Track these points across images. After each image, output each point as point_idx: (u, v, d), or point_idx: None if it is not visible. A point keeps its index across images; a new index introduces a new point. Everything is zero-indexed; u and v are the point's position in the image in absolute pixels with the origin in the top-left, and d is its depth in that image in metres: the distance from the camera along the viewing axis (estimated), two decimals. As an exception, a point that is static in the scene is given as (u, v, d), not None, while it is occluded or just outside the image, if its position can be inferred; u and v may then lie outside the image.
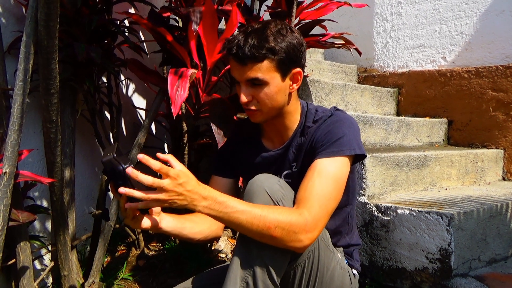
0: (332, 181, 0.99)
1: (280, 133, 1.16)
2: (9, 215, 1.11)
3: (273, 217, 0.89)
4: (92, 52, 1.37)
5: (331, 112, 1.12)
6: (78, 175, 1.71)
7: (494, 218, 1.53)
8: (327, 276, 1.06)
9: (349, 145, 1.03)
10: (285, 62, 1.03)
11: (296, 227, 0.90)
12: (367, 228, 1.59)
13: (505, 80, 2.18)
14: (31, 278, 1.28)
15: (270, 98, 1.04)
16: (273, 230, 0.88)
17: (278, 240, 0.90)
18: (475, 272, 1.43)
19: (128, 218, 0.95)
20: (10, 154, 1.08)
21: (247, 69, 1.01)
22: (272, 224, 0.88)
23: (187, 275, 1.61)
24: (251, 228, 0.88)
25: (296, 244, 0.91)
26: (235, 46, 1.01)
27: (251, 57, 0.99)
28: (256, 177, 0.99)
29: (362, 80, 2.78)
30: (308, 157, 1.10)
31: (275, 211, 0.90)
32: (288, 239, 0.90)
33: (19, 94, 1.06)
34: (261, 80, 1.02)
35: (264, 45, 0.99)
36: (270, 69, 1.02)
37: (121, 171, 0.84)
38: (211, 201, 0.87)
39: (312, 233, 0.92)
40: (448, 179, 1.93)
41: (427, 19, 2.53)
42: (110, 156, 0.86)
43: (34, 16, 1.02)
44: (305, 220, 0.91)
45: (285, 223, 0.89)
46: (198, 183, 0.88)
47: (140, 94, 2.16)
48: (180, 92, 1.28)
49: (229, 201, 0.89)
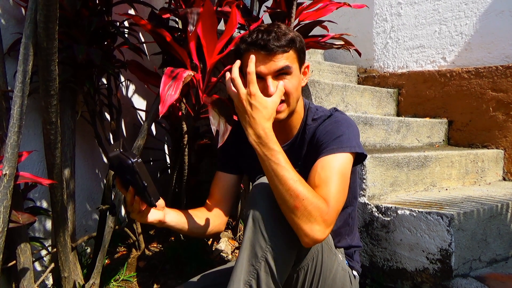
0: (337, 175, 0.98)
1: (285, 132, 1.16)
2: (9, 217, 1.11)
3: (306, 190, 0.89)
4: (92, 54, 1.37)
5: (331, 112, 1.13)
6: (78, 177, 1.71)
7: (495, 218, 1.52)
8: (329, 278, 1.06)
9: (348, 143, 1.03)
10: (302, 54, 1.09)
11: (318, 213, 0.88)
12: (367, 229, 1.59)
13: (505, 80, 2.18)
14: (31, 280, 1.28)
15: (295, 88, 1.07)
16: (300, 200, 0.87)
17: (296, 215, 0.88)
18: (476, 272, 1.43)
19: (134, 212, 0.96)
20: (10, 155, 1.08)
21: (275, 59, 1.02)
22: (302, 194, 0.88)
23: (187, 276, 1.61)
24: (281, 187, 0.89)
25: (309, 231, 0.88)
26: (260, 40, 1.02)
27: (279, 46, 1.02)
28: (260, 179, 0.99)
29: (362, 80, 2.78)
30: (309, 155, 1.11)
31: (310, 190, 0.90)
32: (305, 220, 0.88)
33: (19, 95, 1.06)
34: (290, 68, 1.04)
35: (287, 37, 1.03)
36: (294, 58, 1.06)
37: (129, 164, 0.85)
38: (263, 141, 0.92)
39: (327, 229, 0.90)
40: (448, 179, 1.93)
41: (426, 20, 2.53)
42: (116, 151, 0.86)
43: (33, 17, 1.02)
44: (327, 211, 0.90)
45: (311, 203, 0.88)
46: (268, 117, 0.93)
47: (140, 96, 2.16)
48: (170, 93, 1.27)
49: (278, 154, 0.91)
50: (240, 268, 0.92)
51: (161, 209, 1.04)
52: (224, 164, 1.26)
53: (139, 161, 0.86)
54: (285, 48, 1.03)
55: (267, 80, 1.03)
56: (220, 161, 1.27)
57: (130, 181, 0.89)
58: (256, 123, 0.92)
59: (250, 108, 0.92)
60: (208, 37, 1.43)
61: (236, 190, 1.27)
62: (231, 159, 1.25)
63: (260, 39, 1.02)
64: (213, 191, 1.24)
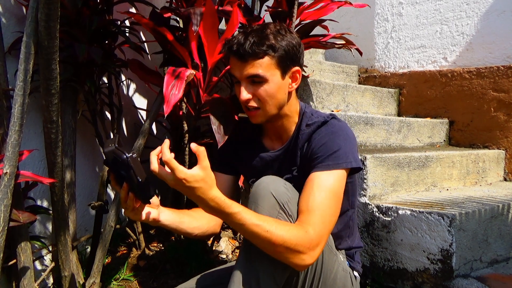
0: (331, 195, 0.98)
1: (280, 135, 1.16)
2: (10, 216, 1.11)
3: (279, 235, 0.87)
4: (93, 53, 1.37)
5: (326, 119, 1.10)
6: (79, 176, 1.71)
7: (496, 218, 1.52)
8: (330, 279, 1.06)
9: (345, 159, 1.02)
10: (284, 60, 1.04)
11: (301, 246, 0.89)
12: (368, 229, 1.59)
13: (507, 81, 2.18)
14: (31, 279, 1.27)
15: (271, 95, 1.05)
16: (279, 246, 0.88)
17: (281, 255, 0.89)
18: (477, 273, 1.43)
19: (128, 209, 0.95)
20: (10, 154, 1.08)
21: (248, 65, 1.02)
22: (278, 242, 0.87)
23: (188, 275, 1.60)
24: (256, 241, 0.89)
25: (298, 261, 0.90)
26: (236, 44, 1.02)
27: (252, 53, 1.01)
28: (262, 179, 0.98)
29: (363, 80, 2.78)
30: (303, 162, 1.10)
31: (283, 228, 0.89)
32: (291, 256, 0.89)
33: (20, 94, 1.06)
34: (262, 76, 1.03)
35: (264, 42, 1.01)
36: (271, 66, 1.03)
37: (124, 160, 0.84)
38: (218, 211, 0.87)
39: (314, 251, 0.91)
40: (449, 179, 1.92)
41: (428, 20, 2.53)
42: (112, 146, 0.86)
43: (34, 16, 1.02)
44: (310, 239, 0.90)
45: (290, 242, 0.88)
46: (210, 189, 0.85)
47: (141, 95, 2.16)
48: (174, 92, 1.28)
49: (236, 215, 0.86)
50: (240, 269, 0.92)
51: (155, 208, 1.03)
52: (221, 165, 1.25)
53: (134, 156, 0.85)
54: (259, 54, 1.01)
55: (241, 84, 1.06)
56: (217, 162, 1.26)
57: (124, 176, 0.88)
58: (202, 199, 0.85)
59: (189, 190, 0.84)
60: (209, 36, 1.43)
61: (233, 191, 1.26)
62: (228, 160, 1.25)
63: (235, 43, 1.02)
64: None
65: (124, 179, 0.90)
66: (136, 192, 0.91)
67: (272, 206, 0.93)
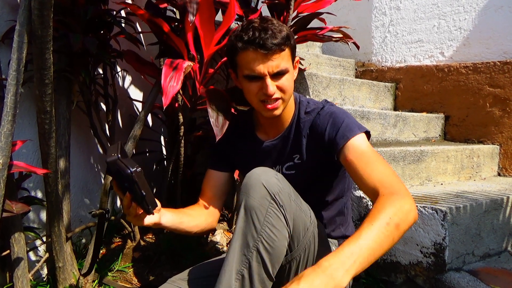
0: (370, 155, 0.99)
1: (277, 125, 1.17)
2: (3, 206, 1.11)
3: (380, 217, 0.82)
4: (87, 43, 1.35)
5: (323, 104, 1.14)
6: (73, 167, 1.70)
7: (489, 213, 1.53)
8: None
9: (356, 125, 1.06)
10: (294, 50, 1.08)
11: (397, 204, 0.85)
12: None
13: (503, 76, 2.18)
14: (25, 269, 1.27)
15: (290, 85, 1.08)
16: (391, 224, 0.82)
17: (401, 226, 0.84)
18: (469, 266, 1.44)
19: (130, 216, 0.96)
20: (3, 144, 1.07)
21: (273, 59, 1.02)
22: (386, 220, 0.82)
23: (182, 267, 1.61)
24: (382, 242, 0.80)
25: (411, 214, 0.86)
26: (258, 38, 0.99)
27: (277, 44, 1.00)
28: (253, 170, 0.98)
29: (360, 74, 2.77)
30: (310, 151, 1.12)
31: (375, 213, 0.84)
32: (404, 216, 0.85)
33: (13, 84, 1.05)
34: (286, 69, 1.04)
35: (282, 34, 1.01)
36: (289, 56, 1.06)
37: (128, 174, 0.83)
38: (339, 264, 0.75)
39: (407, 198, 0.88)
40: (444, 174, 1.93)
41: (425, 14, 2.52)
42: (114, 156, 0.85)
43: (27, 5, 1.01)
44: (393, 194, 0.88)
45: (391, 210, 0.84)
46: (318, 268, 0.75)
47: (136, 86, 2.15)
48: (172, 84, 1.27)
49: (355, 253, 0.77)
50: (232, 258, 0.92)
51: (157, 212, 1.03)
52: (215, 162, 1.26)
53: (139, 170, 0.84)
54: (282, 46, 1.02)
55: (266, 79, 1.04)
56: (212, 159, 1.26)
57: (128, 188, 0.88)
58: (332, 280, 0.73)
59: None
60: (205, 27, 1.42)
61: (228, 187, 1.27)
62: (223, 157, 1.25)
63: (258, 37, 1.00)
64: (205, 188, 1.24)
65: (127, 190, 0.89)
66: (139, 203, 0.91)
67: (263, 196, 0.93)
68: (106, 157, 0.86)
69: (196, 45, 1.48)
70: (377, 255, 0.80)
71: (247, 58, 1.03)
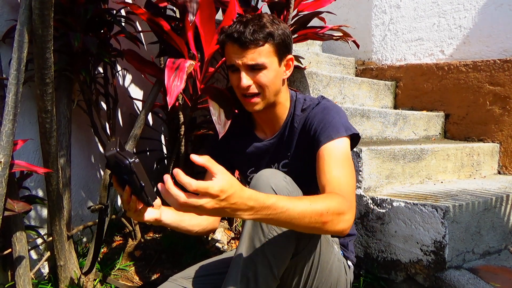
0: (343, 160, 1.01)
1: (272, 123, 1.18)
2: (5, 205, 1.11)
3: (322, 204, 0.86)
4: (88, 42, 1.36)
5: (318, 100, 1.15)
6: (74, 165, 1.71)
7: (489, 211, 1.54)
8: (326, 269, 1.07)
9: (344, 126, 1.06)
10: (281, 47, 1.08)
11: (342, 208, 0.88)
12: (362, 221, 1.60)
13: (503, 74, 2.18)
14: (27, 268, 1.28)
15: (270, 81, 1.07)
16: (325, 216, 0.85)
17: (328, 225, 0.86)
18: (469, 264, 1.45)
19: (130, 211, 0.95)
20: (5, 143, 1.07)
21: (249, 53, 1.04)
22: (323, 210, 0.85)
23: (183, 266, 1.61)
24: (303, 221, 0.83)
25: (344, 224, 0.89)
26: (236, 32, 1.03)
27: (253, 40, 1.03)
28: (261, 172, 0.98)
29: (360, 73, 2.77)
30: (301, 144, 1.12)
31: (320, 199, 0.89)
32: (337, 221, 0.87)
33: (14, 83, 1.05)
34: (262, 64, 1.05)
35: (264, 30, 1.03)
36: (270, 53, 1.06)
37: (127, 165, 0.84)
38: (258, 208, 0.77)
39: (352, 212, 0.92)
40: (444, 172, 1.94)
41: (425, 12, 2.52)
42: (113, 150, 0.86)
43: (28, 4, 1.01)
44: (345, 200, 0.91)
45: (334, 206, 0.87)
46: (242, 190, 0.76)
47: (136, 85, 2.15)
48: (176, 83, 1.27)
49: (278, 202, 0.80)
50: (238, 260, 0.93)
51: (157, 208, 1.03)
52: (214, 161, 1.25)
53: (137, 161, 0.85)
54: (259, 42, 1.03)
55: (241, 72, 1.07)
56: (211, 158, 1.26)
57: (127, 180, 0.88)
58: (239, 203, 0.75)
59: (225, 202, 0.73)
60: (206, 26, 1.42)
61: None
62: (221, 156, 1.24)
63: (235, 31, 1.03)
64: None
65: (127, 183, 0.90)
66: (139, 196, 0.91)
67: None
68: (105, 151, 0.87)
69: (196, 44, 1.48)
70: (289, 227, 0.86)
71: (228, 50, 1.08)
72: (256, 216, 0.79)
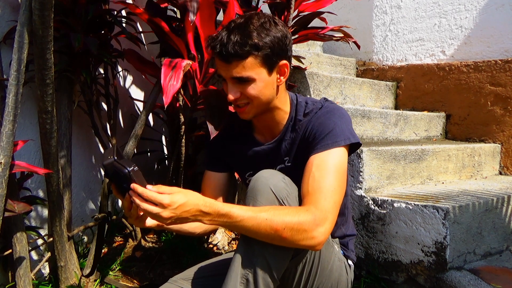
0: (332, 172, 0.97)
1: (271, 128, 1.15)
2: (5, 206, 1.11)
3: (279, 219, 0.87)
4: (88, 43, 1.36)
5: (321, 103, 1.11)
6: (75, 166, 1.71)
7: (490, 212, 1.53)
8: (327, 269, 1.07)
9: (343, 135, 1.02)
10: (270, 57, 1.01)
11: (305, 225, 0.88)
12: (363, 221, 1.60)
13: (504, 75, 2.18)
14: (27, 269, 1.28)
15: (259, 93, 1.03)
16: (281, 231, 0.87)
17: (289, 241, 0.89)
18: (470, 265, 1.44)
19: (132, 217, 0.95)
20: (5, 144, 1.07)
21: (232, 67, 1.00)
22: (279, 226, 0.87)
23: (184, 266, 1.61)
24: (259, 233, 0.88)
25: (310, 242, 0.90)
26: (218, 44, 0.99)
27: (235, 55, 0.97)
28: (260, 173, 0.97)
29: (361, 73, 2.77)
30: (301, 151, 1.09)
31: (281, 212, 0.89)
32: (299, 238, 0.88)
33: (14, 84, 1.05)
34: (247, 78, 1.01)
35: (247, 42, 0.97)
36: (255, 65, 1.00)
37: (126, 174, 0.84)
38: (214, 215, 0.88)
39: (323, 227, 0.91)
40: (445, 173, 1.93)
41: (426, 13, 2.52)
42: (110, 159, 0.85)
43: (28, 5, 1.01)
44: (313, 216, 0.90)
45: (293, 223, 0.88)
46: (198, 198, 0.88)
47: (137, 86, 2.15)
48: (172, 83, 1.27)
49: (232, 211, 0.88)
50: (237, 262, 0.92)
51: None
52: (212, 163, 1.24)
53: (136, 169, 0.85)
54: (242, 55, 0.97)
55: (228, 84, 1.04)
56: (208, 160, 1.26)
57: (126, 188, 0.88)
58: (194, 210, 0.87)
59: (179, 210, 0.86)
60: (206, 27, 1.42)
61: (227, 187, 1.26)
62: (219, 158, 1.24)
63: (219, 42, 0.99)
64: (204, 190, 1.24)
65: (127, 191, 0.89)
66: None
67: (271, 202, 0.93)
68: (103, 160, 0.87)
69: (196, 45, 1.48)
70: (254, 237, 0.90)
71: (216, 61, 1.05)
72: (216, 223, 0.89)
